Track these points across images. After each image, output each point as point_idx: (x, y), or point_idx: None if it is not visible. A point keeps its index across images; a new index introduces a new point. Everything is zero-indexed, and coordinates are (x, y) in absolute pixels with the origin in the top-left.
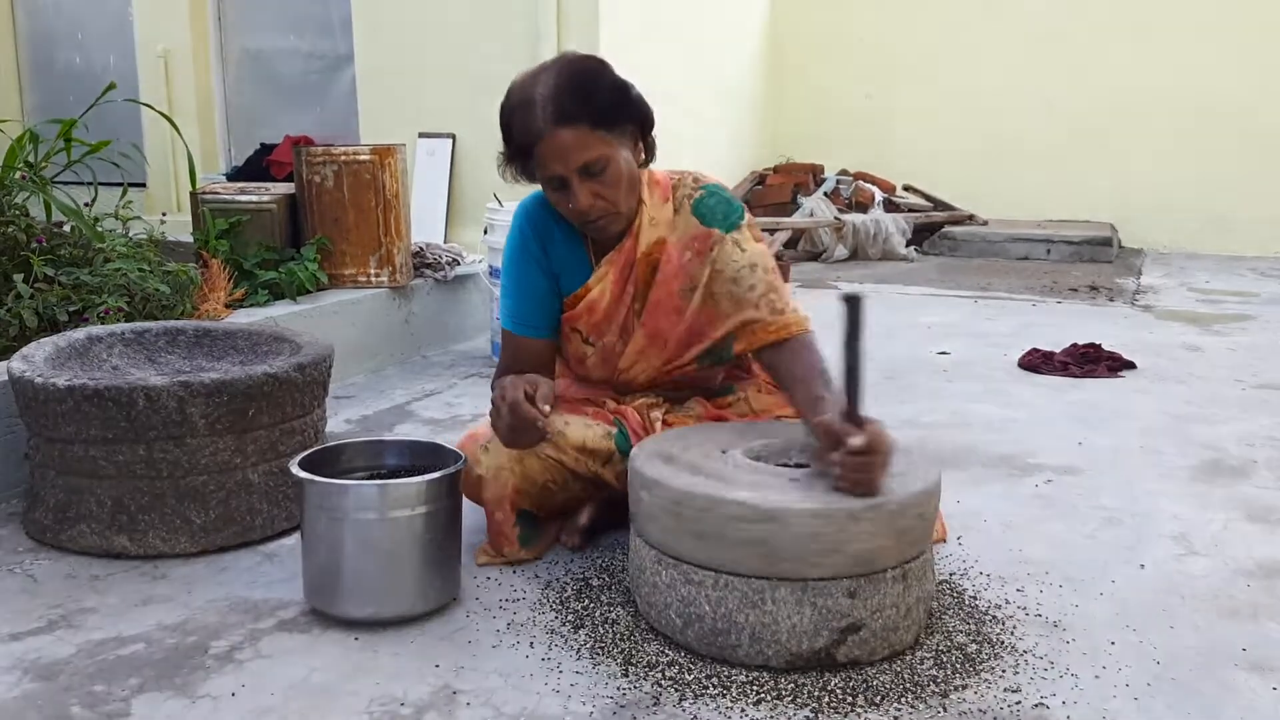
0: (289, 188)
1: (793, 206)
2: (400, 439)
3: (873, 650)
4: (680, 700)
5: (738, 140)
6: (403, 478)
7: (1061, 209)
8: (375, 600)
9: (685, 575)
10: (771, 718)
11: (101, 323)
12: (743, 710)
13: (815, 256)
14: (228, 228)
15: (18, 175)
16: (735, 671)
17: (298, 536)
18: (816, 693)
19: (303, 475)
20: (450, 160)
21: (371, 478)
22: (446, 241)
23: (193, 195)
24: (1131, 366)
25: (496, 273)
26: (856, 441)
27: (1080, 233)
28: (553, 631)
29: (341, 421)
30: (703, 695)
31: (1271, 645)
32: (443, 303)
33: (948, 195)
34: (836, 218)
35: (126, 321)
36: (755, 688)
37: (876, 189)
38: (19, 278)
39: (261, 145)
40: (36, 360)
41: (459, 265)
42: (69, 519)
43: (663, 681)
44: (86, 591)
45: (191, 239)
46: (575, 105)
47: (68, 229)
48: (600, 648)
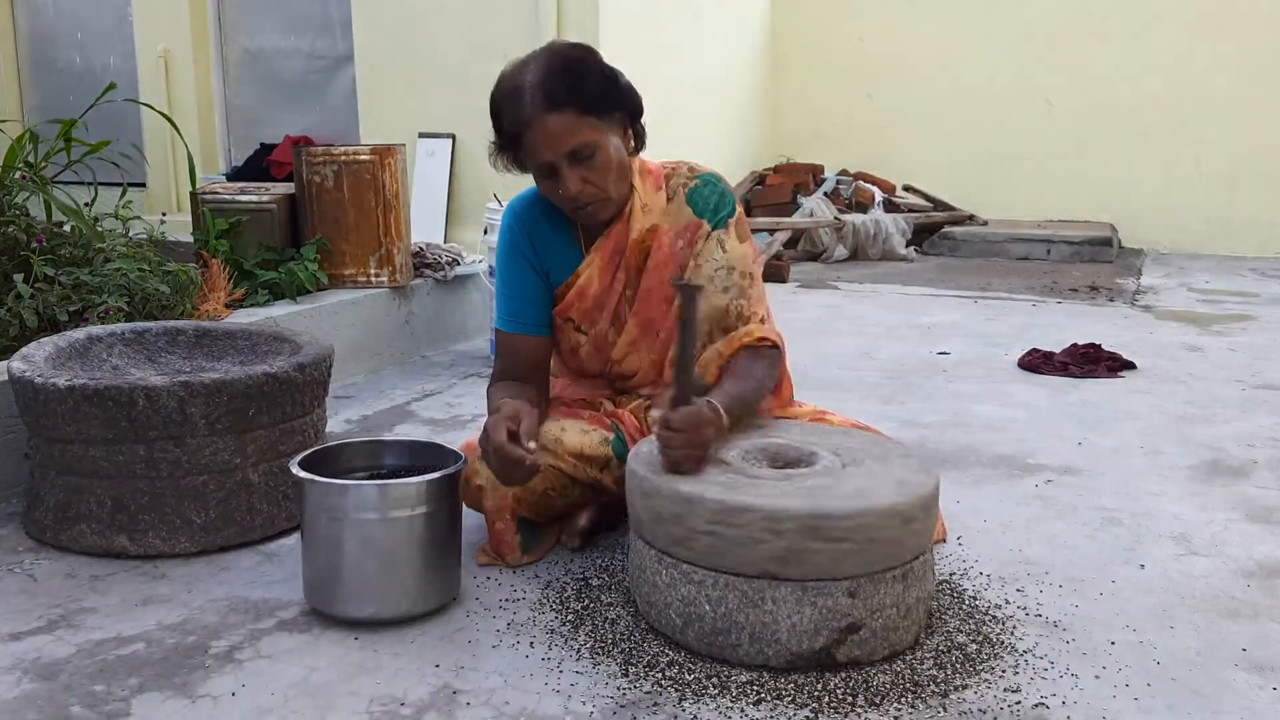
0: (289, 188)
1: (793, 206)
2: (400, 439)
3: (873, 650)
4: (680, 700)
5: (738, 140)
6: (403, 478)
7: (1061, 209)
8: (375, 600)
9: (685, 575)
10: (771, 717)
11: (102, 323)
12: (743, 710)
13: (815, 256)
14: (228, 228)
15: (18, 175)
16: (735, 671)
17: (298, 536)
18: (816, 692)
19: (303, 475)
20: (450, 160)
21: (371, 478)
22: (446, 241)
23: (193, 195)
24: (1131, 367)
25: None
26: (654, 413)
27: (1080, 233)
28: (553, 631)
29: (341, 421)
30: (703, 695)
31: (1271, 645)
32: (443, 303)
33: (948, 195)
34: (836, 218)
35: (126, 321)
36: (755, 687)
37: (876, 189)
38: (19, 277)
39: (261, 145)
40: (37, 360)
41: (459, 265)
42: (69, 519)
43: (663, 681)
44: (86, 591)
45: (191, 239)
46: (563, 91)
47: (68, 229)
48: (600, 648)
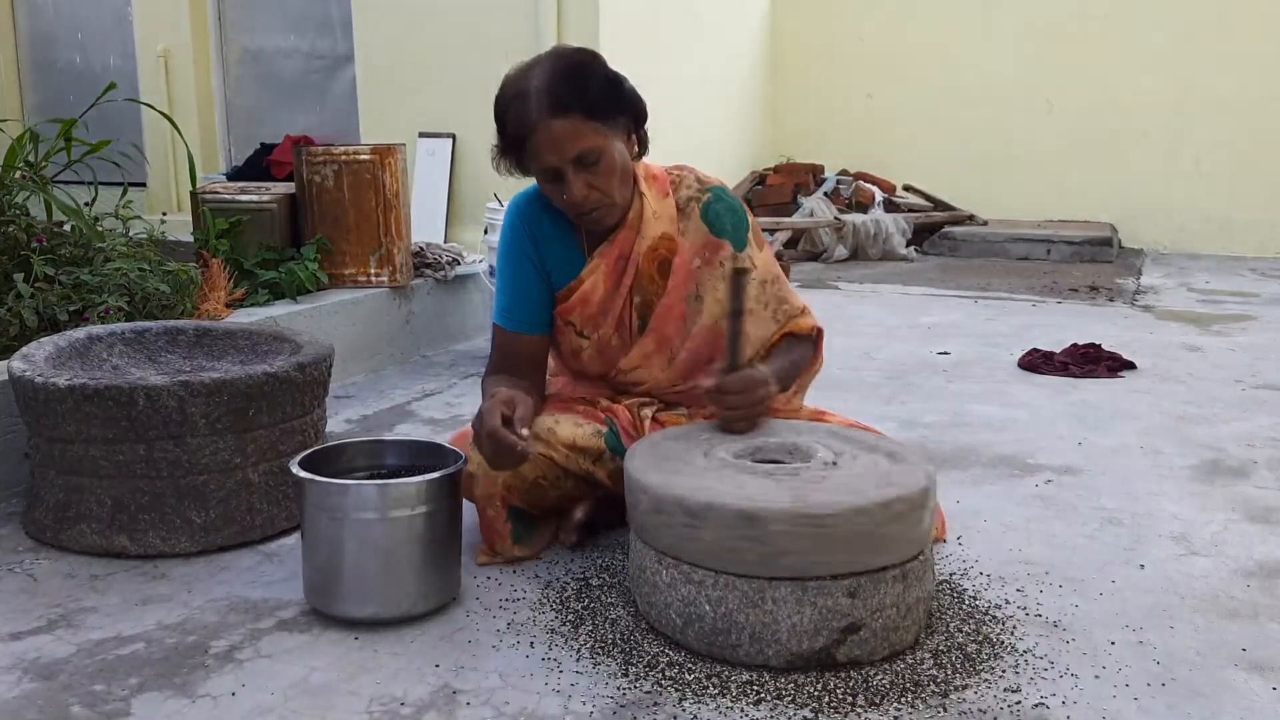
0: (289, 187)
1: (793, 206)
2: (400, 439)
3: (873, 650)
4: (680, 700)
5: (738, 140)
6: (403, 478)
7: (1061, 209)
8: (375, 600)
9: (686, 575)
10: (771, 717)
11: (102, 322)
12: (743, 710)
13: (815, 256)
14: (228, 227)
15: (18, 175)
16: (735, 671)
17: (298, 536)
18: (816, 692)
19: (303, 475)
20: (450, 160)
21: (371, 478)
22: (447, 241)
23: (193, 195)
24: (1131, 367)
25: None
26: (706, 382)
27: (1080, 233)
28: (553, 631)
29: (342, 421)
30: (703, 695)
31: (1271, 645)
32: (443, 302)
33: (948, 195)
34: (836, 218)
35: (127, 321)
36: (755, 687)
37: (877, 189)
38: (19, 277)
39: (262, 145)
40: (37, 360)
41: (459, 265)
42: (69, 518)
43: (663, 681)
44: (86, 591)
45: (192, 238)
46: (569, 96)
47: (68, 228)
48: (600, 647)
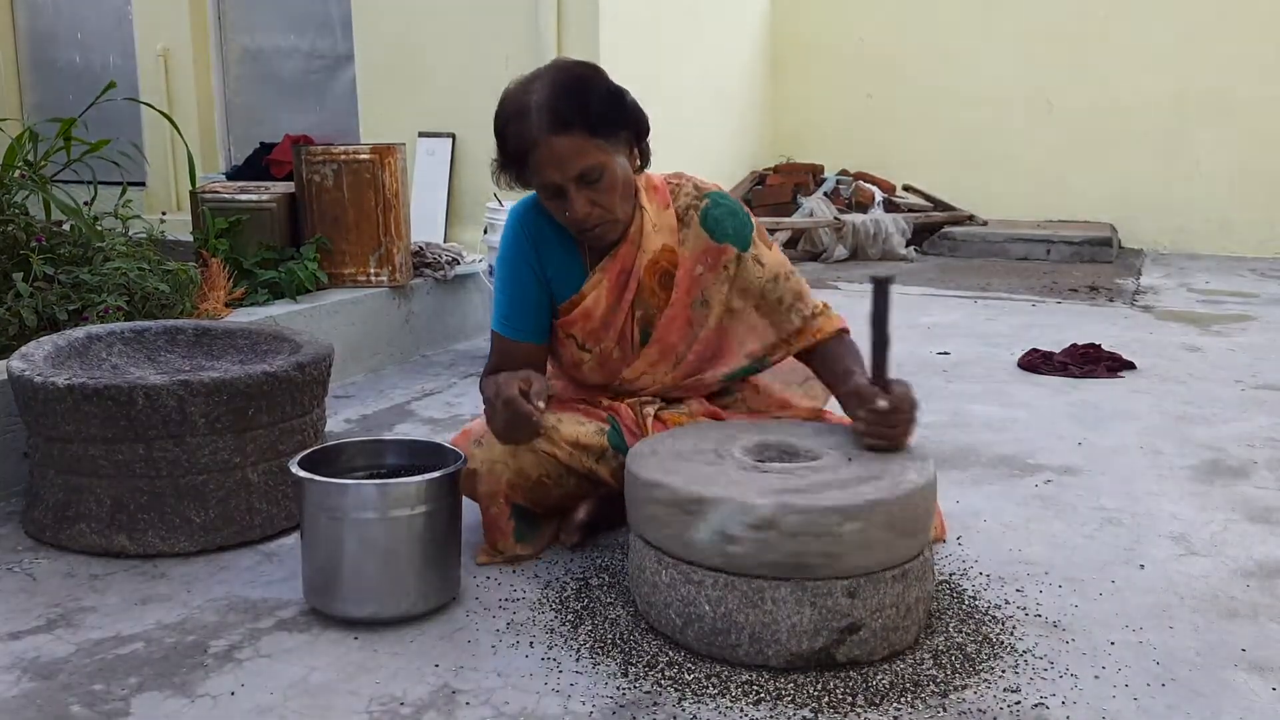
0: (289, 187)
1: (793, 206)
2: (400, 438)
3: (872, 650)
4: (680, 700)
5: (738, 140)
6: (402, 477)
7: (1061, 209)
8: (375, 600)
9: (685, 575)
10: (771, 717)
11: (101, 321)
12: (742, 710)
13: (815, 256)
14: (227, 227)
15: (17, 174)
16: (735, 671)
17: (297, 536)
18: (816, 693)
19: (302, 475)
20: (450, 160)
21: (371, 477)
22: (446, 241)
23: (192, 194)
24: (1131, 367)
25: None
26: (881, 403)
27: (1080, 233)
28: (552, 631)
29: (341, 421)
30: (702, 695)
31: (1271, 645)
32: (442, 302)
33: (947, 195)
34: (836, 218)
35: (126, 320)
36: (755, 688)
37: (876, 189)
38: (18, 276)
39: (261, 144)
40: (36, 359)
41: (459, 265)
42: (68, 518)
43: (662, 681)
44: (86, 590)
45: (191, 238)
46: (570, 113)
47: (67, 228)
48: (600, 647)
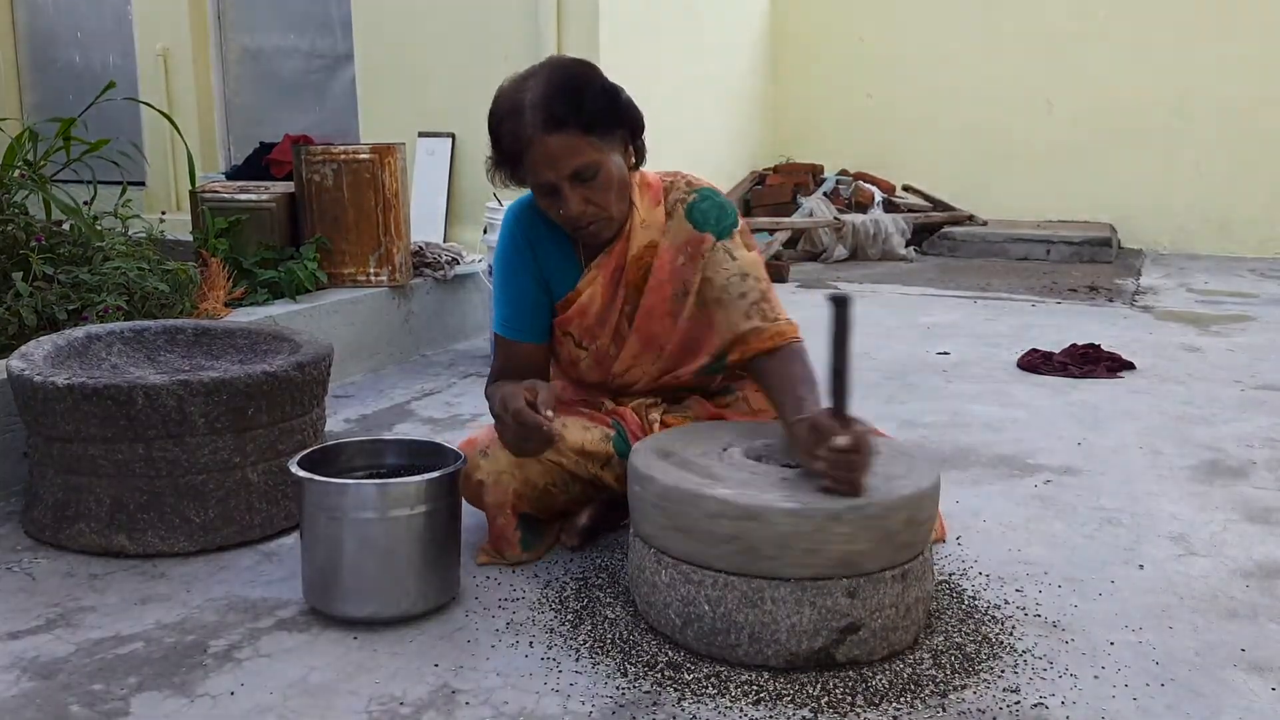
0: (288, 187)
1: (792, 206)
2: (400, 438)
3: (872, 650)
4: (679, 700)
5: (738, 140)
6: (402, 477)
7: (1061, 209)
8: (374, 600)
9: (685, 575)
10: (770, 717)
11: (101, 321)
12: (741, 710)
13: (815, 256)
14: (227, 226)
15: (17, 174)
16: (734, 671)
17: (297, 536)
18: (815, 693)
19: (302, 474)
20: (450, 159)
21: (371, 477)
22: (446, 241)
23: (192, 194)
24: (1131, 367)
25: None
26: (841, 441)
27: (1080, 233)
28: (552, 631)
29: (341, 421)
30: (702, 695)
31: (1270, 645)
32: (442, 302)
33: (947, 195)
34: (836, 218)
35: (126, 320)
36: (754, 688)
37: (876, 189)
38: (18, 276)
39: (261, 144)
40: (35, 359)
41: (458, 264)
42: (68, 518)
43: (662, 681)
44: (85, 590)
45: (191, 238)
46: (565, 111)
47: (67, 227)
48: (599, 647)
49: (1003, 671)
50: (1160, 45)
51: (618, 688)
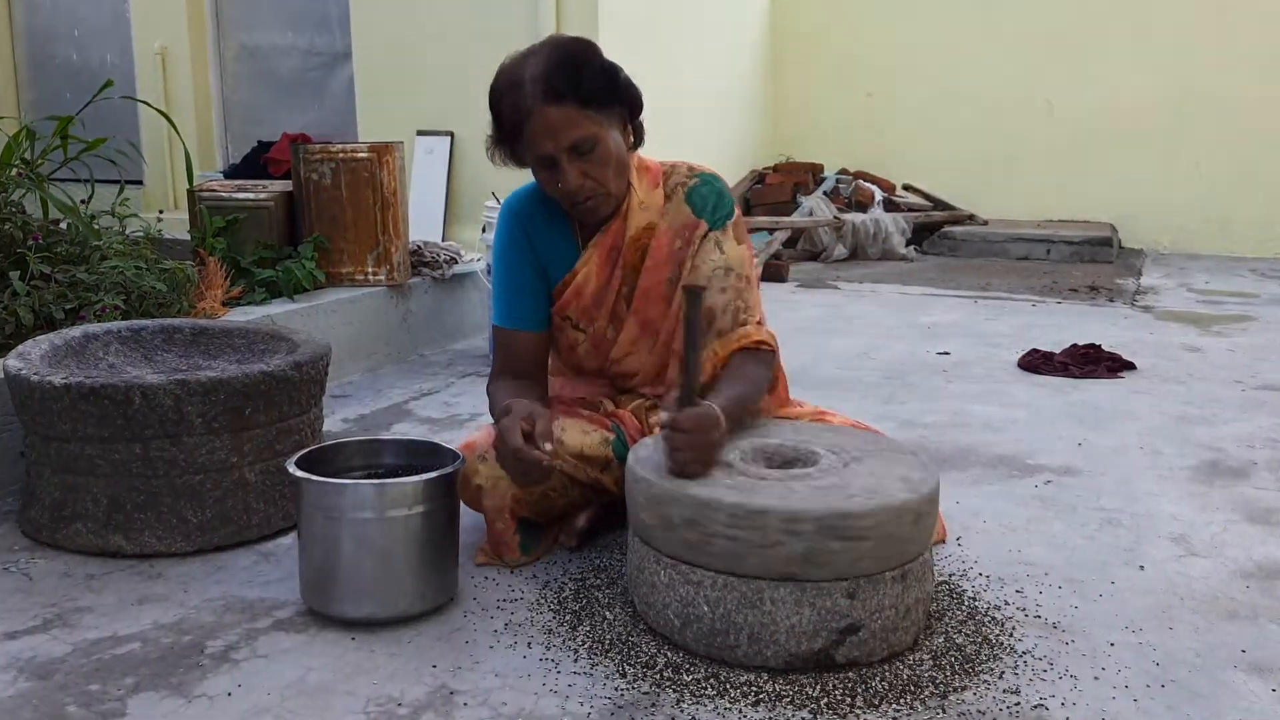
0: (286, 185)
1: (792, 206)
2: (398, 438)
3: (871, 651)
4: (678, 701)
5: (738, 139)
6: (400, 477)
7: (1061, 209)
8: (372, 600)
9: (684, 575)
10: (770, 718)
11: (98, 320)
12: (741, 711)
13: (815, 256)
14: (225, 225)
15: (14, 172)
16: (733, 672)
17: (294, 536)
18: (815, 694)
19: (299, 474)
20: (448, 158)
21: (369, 477)
22: (444, 240)
23: (190, 193)
24: (1131, 367)
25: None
26: (662, 415)
27: (1080, 233)
28: (550, 632)
29: (339, 420)
30: (701, 696)
31: (1271, 646)
32: (440, 301)
33: (947, 195)
34: (836, 217)
35: (123, 319)
36: (753, 688)
37: (876, 188)
38: (15, 275)
39: (259, 143)
40: (32, 358)
41: (457, 264)
42: (65, 517)
43: (661, 682)
44: (82, 590)
45: (188, 237)
46: (564, 84)
47: (64, 226)
48: (598, 648)
49: (1003, 673)
50: (1160, 45)
51: (616, 689)
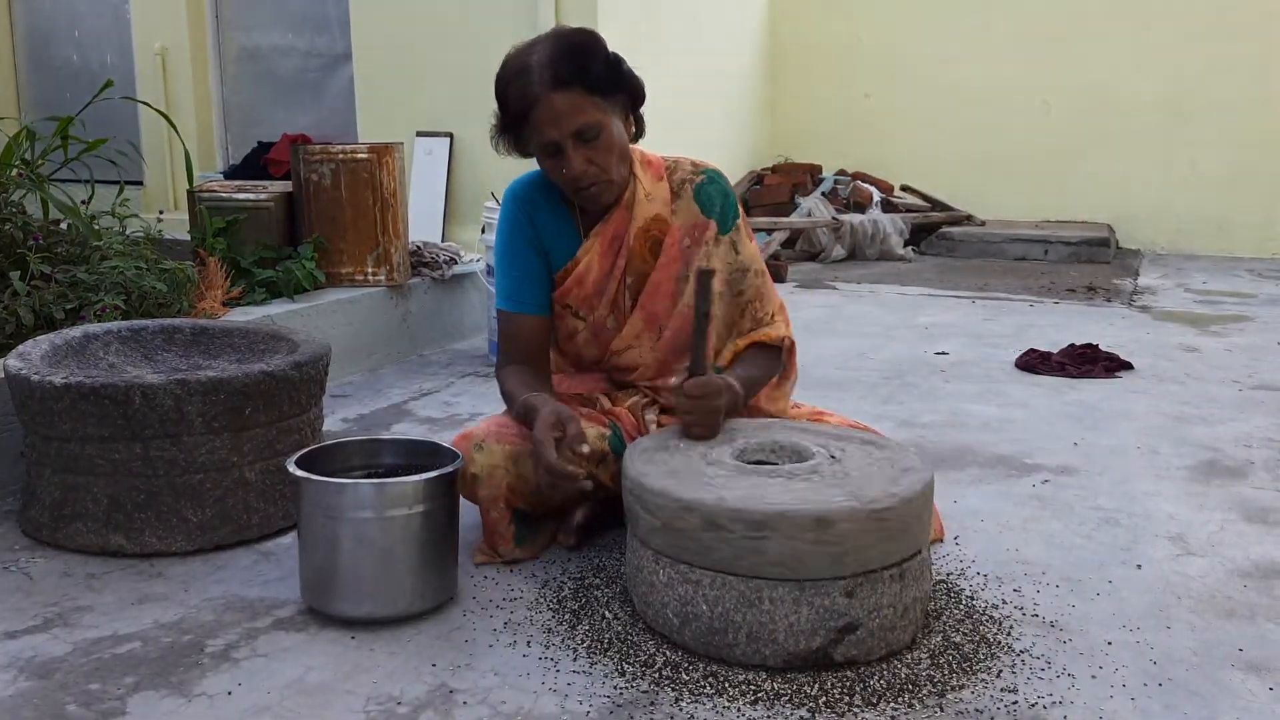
0: (286, 186)
1: (791, 206)
2: (397, 438)
3: (870, 650)
4: (677, 700)
5: (736, 140)
6: (400, 477)
7: (1059, 209)
8: (372, 599)
9: (683, 574)
10: (768, 717)
11: (98, 320)
12: (739, 710)
13: (813, 256)
14: (225, 226)
15: (14, 173)
16: (732, 671)
17: (294, 535)
18: (813, 692)
19: (300, 474)
20: (448, 159)
21: (368, 477)
22: (444, 240)
23: (190, 193)
24: (1129, 367)
25: (494, 271)
26: (673, 380)
27: (1078, 233)
28: (550, 630)
29: (339, 420)
30: (699, 695)
31: (1268, 645)
32: (440, 301)
33: (945, 195)
34: (834, 218)
35: (123, 319)
36: (752, 687)
37: (874, 189)
38: (16, 275)
39: (259, 143)
40: (33, 358)
41: (456, 264)
42: (65, 517)
43: (659, 681)
44: (82, 590)
45: (189, 237)
46: (571, 71)
47: (65, 227)
48: (597, 647)
49: (1000, 671)
50: (1159, 45)
51: (615, 687)
